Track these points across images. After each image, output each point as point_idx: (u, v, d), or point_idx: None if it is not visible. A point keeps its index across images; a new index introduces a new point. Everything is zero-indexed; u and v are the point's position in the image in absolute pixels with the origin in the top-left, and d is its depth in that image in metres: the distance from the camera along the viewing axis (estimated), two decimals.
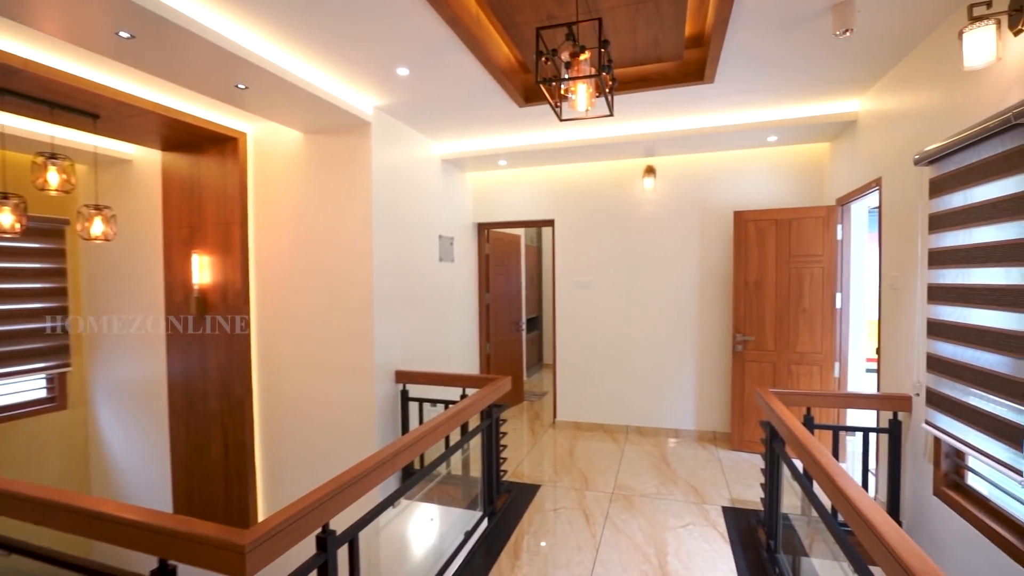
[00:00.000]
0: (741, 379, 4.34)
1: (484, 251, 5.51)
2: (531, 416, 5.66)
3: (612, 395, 4.98)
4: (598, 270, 4.99)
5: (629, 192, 4.86)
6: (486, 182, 5.32)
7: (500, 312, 5.78)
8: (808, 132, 3.97)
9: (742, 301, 4.31)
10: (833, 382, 4.06)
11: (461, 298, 5.05)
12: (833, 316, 4.05)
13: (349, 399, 3.65)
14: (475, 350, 5.41)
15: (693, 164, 4.66)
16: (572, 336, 5.10)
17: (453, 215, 4.92)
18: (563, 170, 5.04)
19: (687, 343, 4.73)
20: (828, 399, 2.98)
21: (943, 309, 2.46)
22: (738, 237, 4.31)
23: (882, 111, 3.23)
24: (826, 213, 4.04)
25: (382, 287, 3.66)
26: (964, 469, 2.47)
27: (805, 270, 4.12)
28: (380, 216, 3.65)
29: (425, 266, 4.32)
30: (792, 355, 4.17)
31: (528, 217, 5.21)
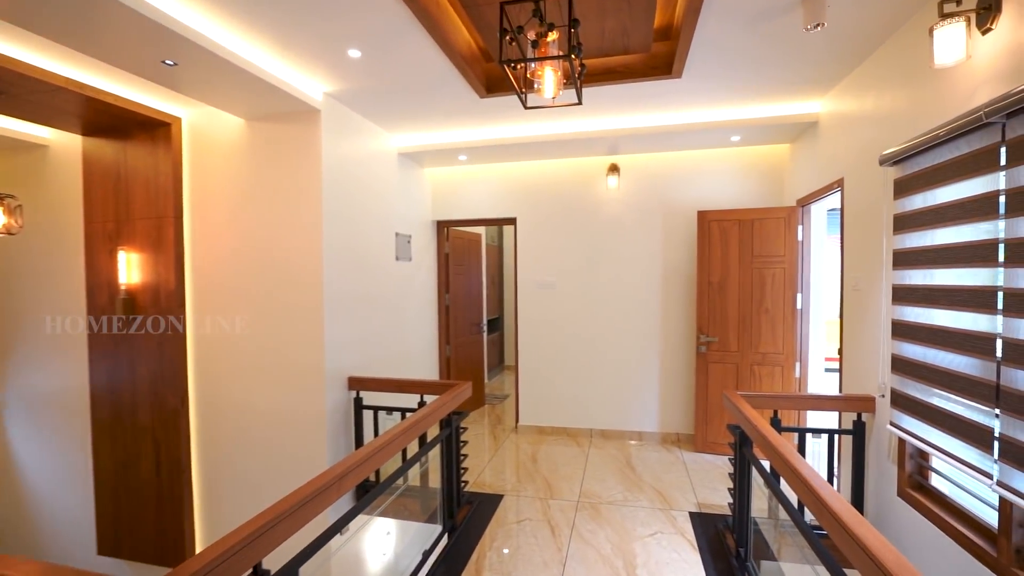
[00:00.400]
0: (705, 380, 4.31)
1: (444, 250, 5.29)
2: (493, 420, 5.49)
3: (575, 398, 4.87)
4: (561, 270, 4.87)
5: (593, 191, 4.76)
6: (446, 178, 5.11)
7: (460, 313, 5.58)
8: (770, 133, 3.97)
9: (706, 302, 4.28)
10: (794, 382, 4.08)
11: (420, 299, 4.82)
12: (794, 316, 4.07)
13: (297, 409, 3.37)
14: (434, 353, 5.19)
15: (657, 163, 4.60)
16: (534, 338, 4.96)
17: (411, 212, 4.69)
18: (526, 167, 4.89)
19: (651, 344, 4.68)
20: (795, 401, 2.95)
21: (908, 310, 2.45)
22: (702, 237, 4.27)
23: (843, 113, 3.23)
24: (787, 214, 4.06)
25: (333, 287, 3.40)
26: (928, 470, 2.47)
27: (767, 271, 4.12)
28: (331, 211, 3.39)
29: (381, 265, 4.08)
30: (755, 355, 4.17)
31: (489, 215, 5.04)
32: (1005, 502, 1.89)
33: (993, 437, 1.90)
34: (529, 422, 4.99)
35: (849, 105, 3.14)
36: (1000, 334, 1.87)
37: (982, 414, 1.96)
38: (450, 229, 5.36)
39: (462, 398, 3.21)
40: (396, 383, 3.53)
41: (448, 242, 5.33)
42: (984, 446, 1.94)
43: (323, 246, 3.29)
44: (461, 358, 5.58)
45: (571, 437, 4.82)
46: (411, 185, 4.71)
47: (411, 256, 4.62)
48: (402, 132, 4.23)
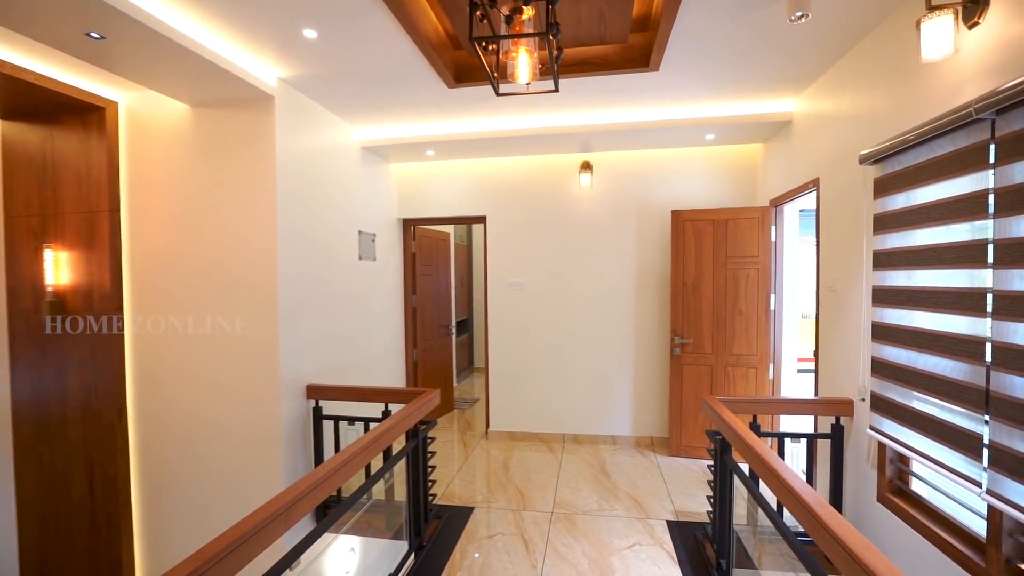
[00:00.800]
0: (679, 383, 4.24)
1: (410, 249, 5.06)
2: (462, 426, 5.29)
3: (547, 402, 4.73)
4: (532, 270, 4.72)
5: (565, 189, 4.63)
6: (412, 174, 4.89)
7: (428, 315, 5.36)
8: (745, 131, 3.91)
9: (680, 302, 4.20)
10: (768, 384, 4.04)
11: (385, 300, 4.59)
12: (767, 317, 4.03)
13: (249, 420, 3.10)
14: (400, 357, 4.96)
15: (630, 161, 4.51)
16: (505, 341, 4.79)
17: (375, 209, 4.45)
18: (496, 164, 4.72)
19: (624, 346, 4.58)
20: (774, 405, 2.89)
21: (889, 312, 2.39)
22: (676, 237, 4.20)
23: (819, 112, 3.19)
24: (761, 214, 4.02)
25: (290, 288, 3.14)
26: (909, 475, 2.42)
27: (741, 271, 4.07)
28: (287, 207, 3.13)
29: (343, 265, 3.83)
30: (729, 357, 4.11)
31: (458, 213, 4.84)
32: (994, 511, 1.83)
33: (982, 444, 1.84)
34: (500, 428, 4.82)
35: (825, 104, 3.10)
36: (990, 338, 1.81)
37: (971, 420, 1.90)
38: (417, 228, 5.14)
39: (429, 407, 3.02)
40: (358, 391, 3.30)
41: (415, 241, 5.11)
42: (973, 453, 1.88)
43: (278, 244, 3.03)
44: (429, 361, 5.36)
45: (543, 443, 4.68)
46: (376, 181, 4.47)
47: (375, 256, 4.38)
48: (365, 124, 3.99)
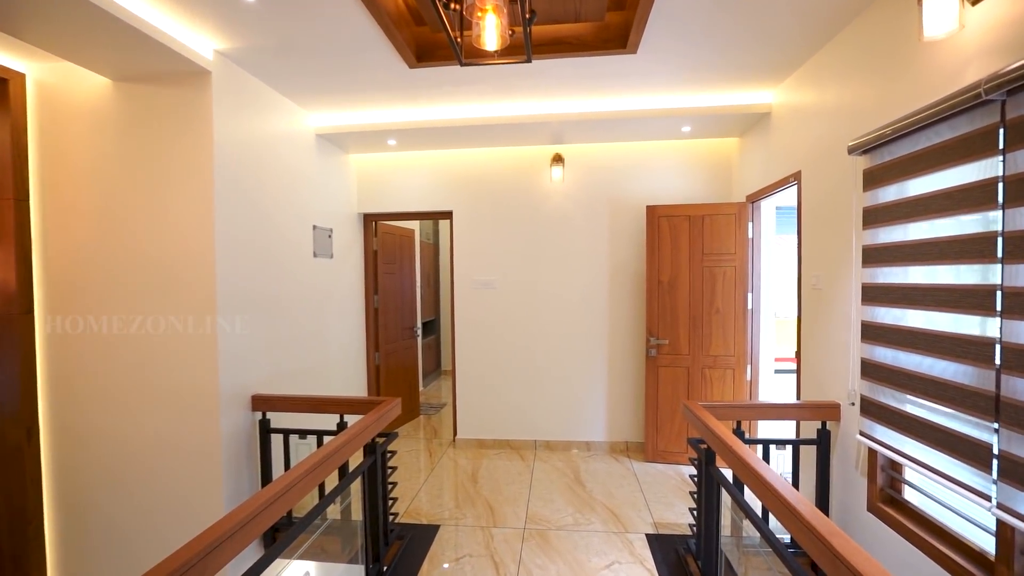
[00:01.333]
0: (655, 385, 4.07)
1: (371, 246, 4.74)
2: (428, 433, 5.00)
3: (518, 407, 4.50)
4: (501, 268, 4.47)
5: (535, 183, 4.40)
6: (373, 166, 4.57)
7: (391, 316, 5.05)
8: (722, 123, 3.77)
9: (655, 302, 4.04)
10: (745, 386, 3.92)
11: (344, 301, 4.26)
12: (745, 317, 3.90)
13: (183, 436, 2.74)
14: (361, 362, 4.63)
15: (603, 154, 4.32)
16: (473, 343, 4.53)
17: (332, 203, 4.12)
18: (463, 155, 4.45)
19: (598, 348, 4.39)
20: (758, 410, 2.73)
21: (881, 311, 2.25)
22: (651, 233, 4.03)
23: (800, 103, 3.06)
24: (738, 210, 3.89)
25: (231, 288, 2.80)
26: (902, 483, 2.29)
27: (718, 269, 3.93)
28: (227, 197, 2.79)
29: (295, 263, 3.49)
30: (706, 359, 3.97)
31: (423, 208, 4.55)
32: (1005, 526, 1.69)
33: (992, 454, 1.69)
34: (468, 435, 4.56)
35: (807, 95, 2.97)
36: (999, 339, 1.67)
37: (978, 428, 1.76)
38: (379, 224, 4.82)
39: (389, 418, 2.73)
40: (310, 401, 2.99)
41: (377, 238, 4.79)
42: (980, 463, 1.74)
43: (215, 237, 2.68)
44: (392, 366, 5.05)
45: (514, 450, 4.44)
46: (333, 173, 4.14)
47: (332, 253, 4.05)
48: (320, 109, 3.66)
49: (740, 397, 3.91)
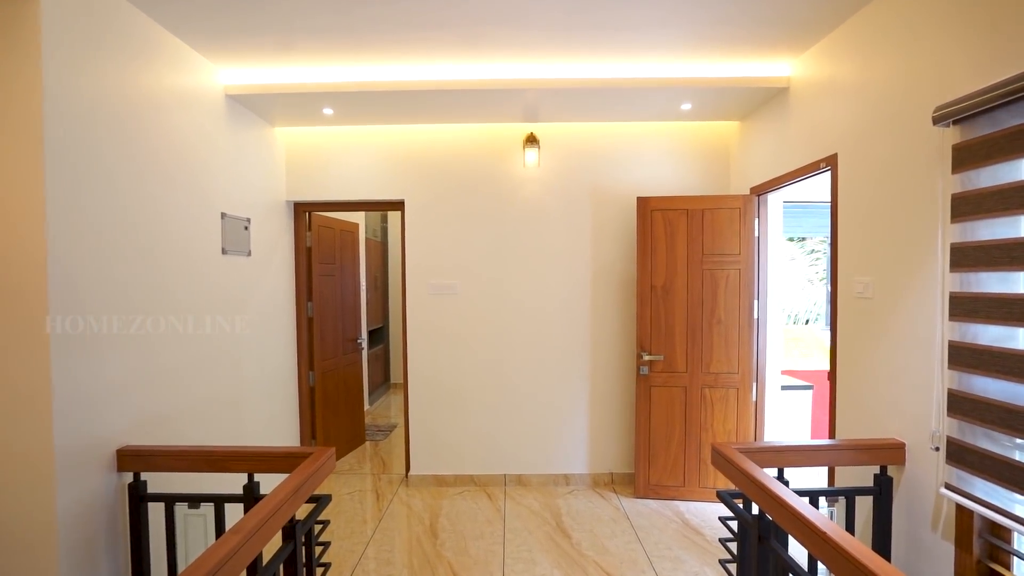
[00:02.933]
0: (647, 408, 3.46)
1: (304, 242, 3.89)
2: (376, 466, 4.19)
3: (484, 435, 3.78)
4: (463, 270, 3.74)
5: (505, 168, 3.70)
6: (307, 144, 3.71)
7: (330, 327, 4.20)
8: (729, 100, 3.21)
9: (648, 310, 3.43)
10: (750, 407, 3.38)
11: (265, 309, 3.39)
12: (750, 328, 3.37)
13: (3, 519, 1.84)
14: (291, 383, 3.77)
15: (586, 136, 3.67)
16: (429, 360, 3.77)
17: (251, 187, 3.25)
18: (417, 133, 3.69)
19: (578, 364, 3.74)
20: (807, 454, 2.15)
21: (982, 329, 1.71)
22: (643, 230, 3.42)
23: (832, 75, 2.53)
24: (743, 204, 3.35)
25: (81, 296, 1.93)
26: (1010, 555, 1.75)
27: (720, 272, 3.38)
28: (74, 171, 1.91)
29: (194, 261, 2.63)
30: (706, 376, 3.40)
31: (368, 196, 3.75)
32: None
33: None
34: (424, 470, 3.79)
35: (844, 65, 2.43)
36: None
37: None
38: (314, 215, 3.97)
39: (320, 478, 1.96)
40: (206, 455, 2.14)
41: (311, 232, 3.93)
42: None
43: (48, 224, 1.80)
44: (332, 386, 4.20)
45: (480, 487, 3.72)
46: (252, 148, 3.27)
47: (250, 248, 3.18)
48: (234, 62, 2.81)
49: (745, 420, 3.37)
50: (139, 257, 2.23)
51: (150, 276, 2.29)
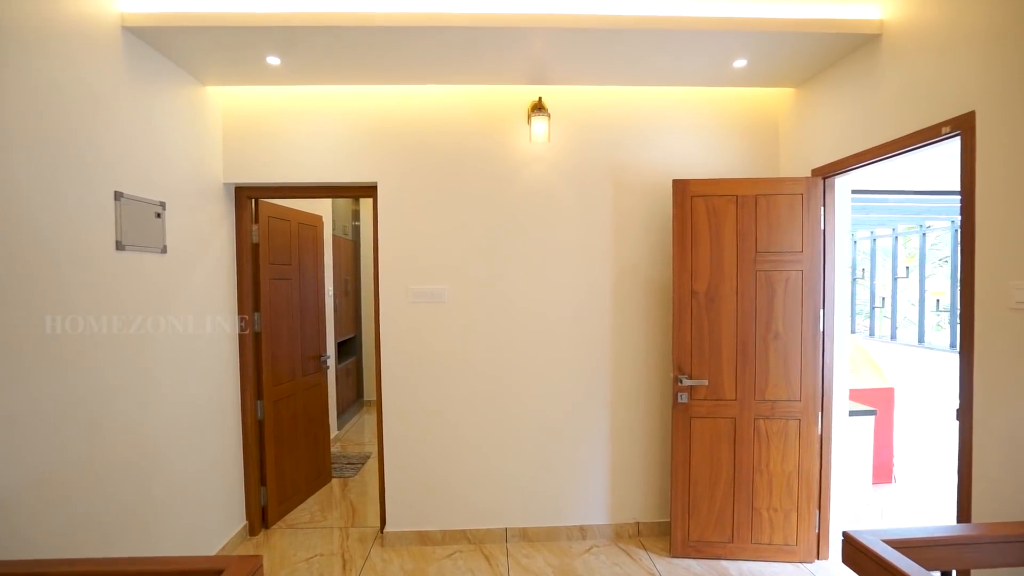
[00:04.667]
0: (686, 444, 2.76)
1: (249, 237, 3.07)
2: (343, 514, 3.39)
3: (480, 479, 3.01)
4: (453, 272, 2.98)
5: (506, 144, 2.95)
6: (251, 110, 2.89)
7: (285, 343, 3.38)
8: (795, 54, 2.51)
9: (688, 323, 2.73)
10: (815, 443, 2.70)
11: (188, 324, 2.57)
12: (815, 343, 2.69)
13: None
14: (230, 420, 2.94)
15: (606, 104, 2.95)
16: (409, 386, 2.99)
17: (168, 162, 2.43)
18: (394, 98, 2.91)
19: (596, 389, 3.01)
20: (1002, 550, 1.46)
21: None
22: (681, 221, 2.72)
23: (958, 14, 1.87)
24: (806, 188, 2.67)
25: None
26: None
27: (777, 274, 2.69)
28: None
29: (69, 260, 1.82)
30: (760, 405, 2.71)
31: (332, 179, 2.94)
32: None
33: None
34: (404, 525, 3.01)
35: None
36: None
37: None
38: (262, 203, 3.15)
39: None
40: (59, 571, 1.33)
41: (257, 224, 3.11)
42: None
43: None
44: (287, 416, 3.39)
45: (476, 545, 2.96)
46: (166, 109, 2.44)
47: (165, 243, 2.36)
48: None
49: (808, 459, 2.69)
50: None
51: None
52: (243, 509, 3.04)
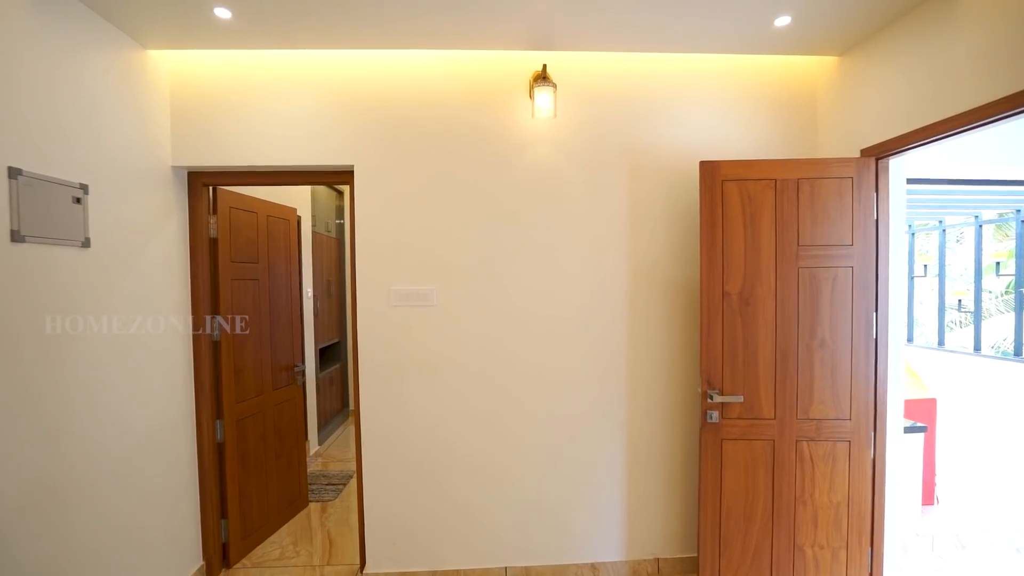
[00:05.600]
0: (716, 470, 2.36)
1: (206, 231, 2.64)
2: (321, 548, 2.98)
3: (475, 511, 2.60)
4: (443, 270, 2.56)
5: (504, 120, 2.54)
6: (205, 79, 2.46)
7: (251, 352, 2.95)
8: (850, 9, 2.12)
9: (719, 329, 2.33)
10: (868, 468, 2.31)
11: (125, 332, 2.14)
12: (867, 352, 2.30)
13: None
14: (183, 443, 2.52)
15: (621, 74, 2.54)
16: (392, 403, 2.57)
17: (94, 136, 2.01)
18: (374, 67, 2.49)
19: (609, 405, 2.61)
20: None
21: None
22: (710, 209, 2.32)
23: None
24: (855, 171, 2.28)
25: None
26: None
27: (823, 271, 2.30)
28: None
29: None
30: (804, 425, 2.32)
31: (301, 161, 2.52)
32: None
33: None
34: (387, 566, 2.59)
35: None
36: None
37: None
38: (221, 191, 2.72)
39: None
40: None
41: (216, 216, 2.69)
42: None
43: None
44: (254, 436, 2.96)
45: None
46: (93, 74, 2.02)
47: (87, 235, 1.93)
48: None
49: (860, 488, 2.31)
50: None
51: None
52: (199, 547, 2.61)
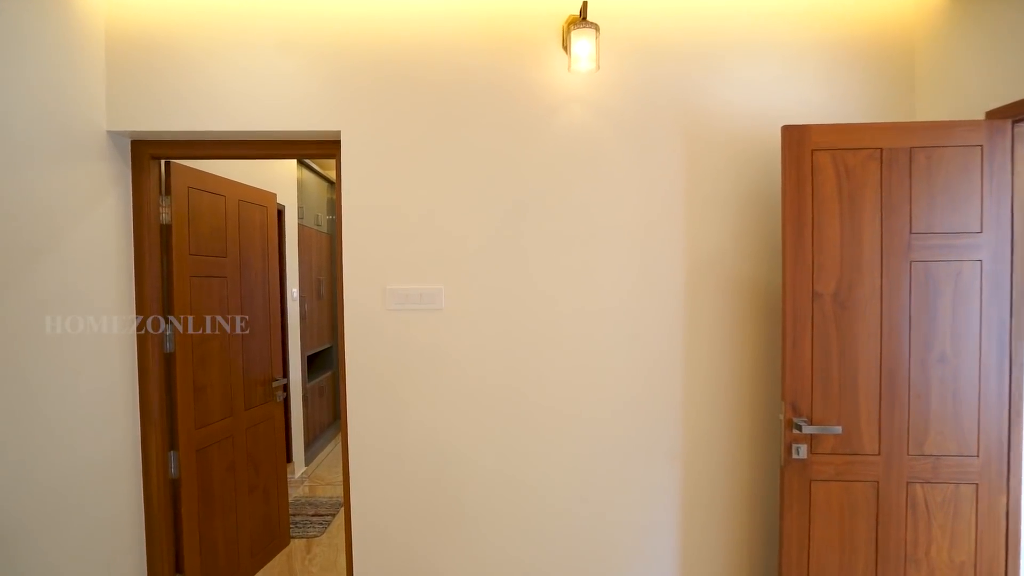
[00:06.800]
0: (804, 519, 1.85)
1: (155, 215, 2.11)
2: None
3: (489, 564, 2.08)
4: (452, 265, 2.04)
5: (528, 78, 2.02)
6: (151, 23, 1.94)
7: (216, 365, 2.43)
8: None
9: (807, 341, 1.82)
10: (1001, 518, 1.81)
11: (30, 345, 1.62)
12: (1000, 371, 1.80)
13: None
14: (123, 481, 2.00)
15: (677, 15, 2.03)
16: (389, 433, 2.05)
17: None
18: (364, 5, 1.97)
19: (660, 434, 2.09)
20: None
21: None
22: (796, 187, 1.81)
23: None
24: (987, 137, 1.78)
25: None
26: None
27: (944, 267, 1.80)
28: None
29: None
30: (917, 463, 1.81)
31: (274, 126, 2.00)
32: None
33: None
34: None
35: None
36: None
37: None
38: (177, 167, 2.19)
39: None
40: None
41: (171, 197, 2.16)
42: None
43: None
44: (221, 465, 2.44)
45: None
46: None
47: None
48: None
49: (991, 544, 1.80)
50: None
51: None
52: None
